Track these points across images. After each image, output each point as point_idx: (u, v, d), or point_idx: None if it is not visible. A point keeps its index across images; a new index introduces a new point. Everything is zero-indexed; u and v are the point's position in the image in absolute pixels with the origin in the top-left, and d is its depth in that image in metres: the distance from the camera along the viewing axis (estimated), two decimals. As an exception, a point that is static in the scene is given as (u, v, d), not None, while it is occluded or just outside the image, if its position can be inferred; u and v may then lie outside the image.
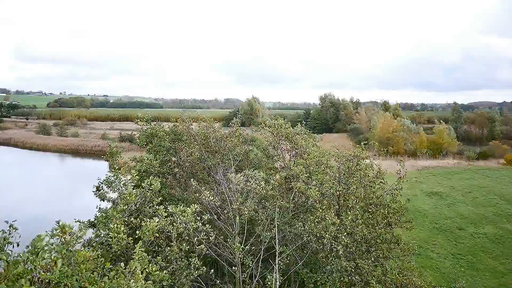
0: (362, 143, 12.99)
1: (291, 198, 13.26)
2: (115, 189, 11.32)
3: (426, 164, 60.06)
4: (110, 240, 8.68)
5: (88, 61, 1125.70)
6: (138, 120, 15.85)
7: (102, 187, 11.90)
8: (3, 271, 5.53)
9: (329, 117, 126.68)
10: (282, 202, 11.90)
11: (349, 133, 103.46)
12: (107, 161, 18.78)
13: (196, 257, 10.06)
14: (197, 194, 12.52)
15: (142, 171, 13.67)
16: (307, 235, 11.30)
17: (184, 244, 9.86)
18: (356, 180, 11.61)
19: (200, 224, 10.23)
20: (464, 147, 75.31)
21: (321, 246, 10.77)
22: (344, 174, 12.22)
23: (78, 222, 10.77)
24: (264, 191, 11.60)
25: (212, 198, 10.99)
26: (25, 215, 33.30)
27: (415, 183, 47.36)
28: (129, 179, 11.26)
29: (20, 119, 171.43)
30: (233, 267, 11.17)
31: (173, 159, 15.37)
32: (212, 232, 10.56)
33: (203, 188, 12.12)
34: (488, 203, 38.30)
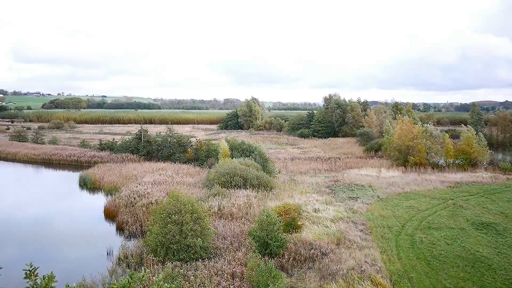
0: None
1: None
2: None
3: (458, 179, 50.14)
4: None
5: (87, 61, 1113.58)
6: None
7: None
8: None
9: (334, 120, 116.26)
10: None
11: (357, 138, 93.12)
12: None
13: None
14: None
15: None
16: None
17: None
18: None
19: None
20: (493, 156, 65.46)
21: None
22: None
23: None
24: None
25: None
26: None
27: (454, 207, 37.46)
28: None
29: (6, 122, 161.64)
30: None
31: None
32: None
33: None
34: None
